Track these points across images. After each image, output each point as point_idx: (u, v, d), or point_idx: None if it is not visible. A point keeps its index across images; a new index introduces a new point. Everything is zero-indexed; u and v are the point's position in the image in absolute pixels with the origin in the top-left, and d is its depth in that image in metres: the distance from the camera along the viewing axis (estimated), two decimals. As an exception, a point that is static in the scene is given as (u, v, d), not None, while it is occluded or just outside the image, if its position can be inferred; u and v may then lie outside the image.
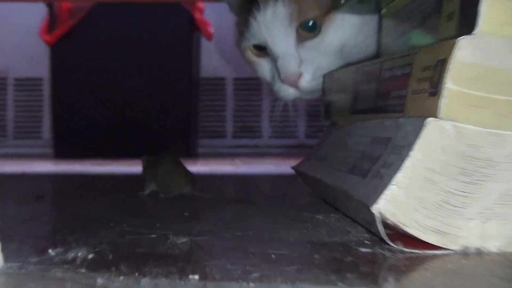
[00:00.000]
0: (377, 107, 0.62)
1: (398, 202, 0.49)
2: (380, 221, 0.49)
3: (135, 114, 2.05)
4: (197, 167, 1.51)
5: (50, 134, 2.32)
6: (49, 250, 0.47)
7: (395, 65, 0.59)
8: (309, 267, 0.44)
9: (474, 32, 0.49)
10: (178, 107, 2.07)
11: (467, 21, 0.50)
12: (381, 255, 0.48)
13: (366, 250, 0.50)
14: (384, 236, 0.50)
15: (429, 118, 0.49)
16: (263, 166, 1.67)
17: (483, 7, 0.49)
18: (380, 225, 0.49)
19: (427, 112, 0.50)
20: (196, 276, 0.41)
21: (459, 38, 0.48)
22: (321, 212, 0.68)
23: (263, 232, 0.59)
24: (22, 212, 0.74)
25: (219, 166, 1.64)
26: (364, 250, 0.50)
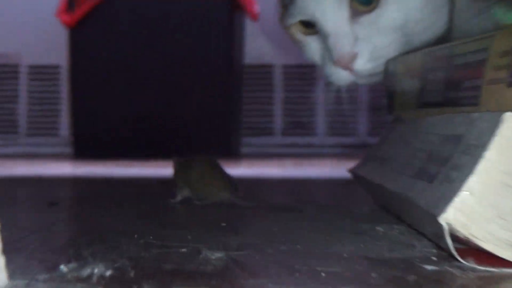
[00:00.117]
0: (446, 99, 0.62)
1: (470, 211, 0.49)
2: (449, 233, 0.49)
3: (166, 109, 2.07)
4: (239, 169, 1.52)
5: (69, 131, 2.35)
6: (61, 266, 0.48)
7: (468, 50, 0.59)
8: (364, 288, 0.45)
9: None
10: (217, 100, 2.08)
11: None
12: (450, 274, 0.48)
13: (432, 267, 0.50)
14: (453, 251, 0.50)
15: (508, 112, 0.49)
16: (317, 168, 1.68)
17: None
18: (448, 238, 0.49)
19: (505, 105, 0.50)
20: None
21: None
22: (382, 223, 0.69)
23: (312, 246, 0.59)
24: (33, 221, 0.75)
25: (265, 168, 1.65)
26: (429, 268, 0.50)
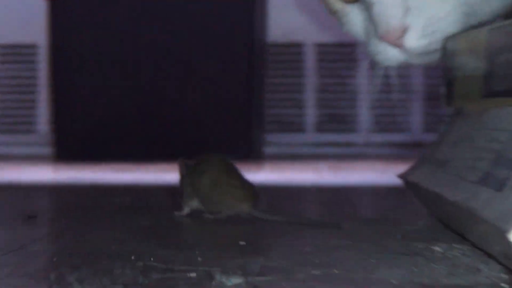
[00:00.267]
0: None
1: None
2: (522, 254, 0.50)
3: (171, 100, 2.07)
4: (262, 174, 1.52)
5: (49, 127, 2.36)
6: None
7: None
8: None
9: None
10: (234, 88, 2.08)
11: None
12: (523, 305, 0.49)
13: (502, 297, 0.50)
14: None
15: None
16: (359, 173, 1.68)
17: None
18: (521, 260, 0.50)
19: None
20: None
21: None
22: (439, 242, 0.69)
23: (353, 270, 0.60)
24: (6, 239, 0.76)
25: (294, 172, 1.65)
26: (498, 298, 0.50)
